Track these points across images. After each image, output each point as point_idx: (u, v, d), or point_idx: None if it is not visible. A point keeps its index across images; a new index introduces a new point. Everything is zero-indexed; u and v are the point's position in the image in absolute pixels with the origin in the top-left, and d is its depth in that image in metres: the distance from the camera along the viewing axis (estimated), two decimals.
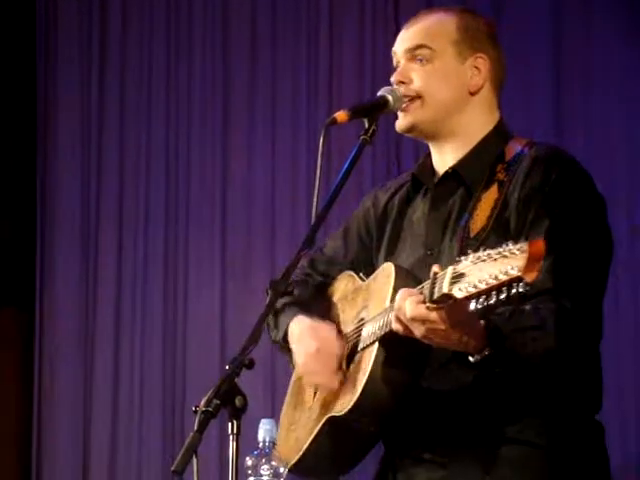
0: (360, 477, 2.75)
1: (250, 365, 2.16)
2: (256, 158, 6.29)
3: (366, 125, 2.48)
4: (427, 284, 2.19)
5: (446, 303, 2.14)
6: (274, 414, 3.21)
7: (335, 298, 2.73)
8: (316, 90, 6.20)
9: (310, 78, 6.19)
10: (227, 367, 2.17)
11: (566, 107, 5.89)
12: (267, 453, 2.60)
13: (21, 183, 6.85)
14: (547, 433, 2.40)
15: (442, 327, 2.18)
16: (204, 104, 6.41)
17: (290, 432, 2.71)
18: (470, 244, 2.38)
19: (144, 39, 6.56)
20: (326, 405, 2.56)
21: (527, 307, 2.29)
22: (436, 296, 2.12)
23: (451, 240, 2.49)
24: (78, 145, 6.63)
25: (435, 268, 2.17)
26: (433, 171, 2.62)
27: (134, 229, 6.43)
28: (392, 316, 2.30)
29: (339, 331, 2.62)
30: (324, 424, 2.52)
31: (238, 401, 2.13)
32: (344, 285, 2.72)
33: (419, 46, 2.52)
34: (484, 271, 2.03)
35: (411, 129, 2.57)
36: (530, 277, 1.96)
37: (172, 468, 2.10)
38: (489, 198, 2.47)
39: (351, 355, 2.56)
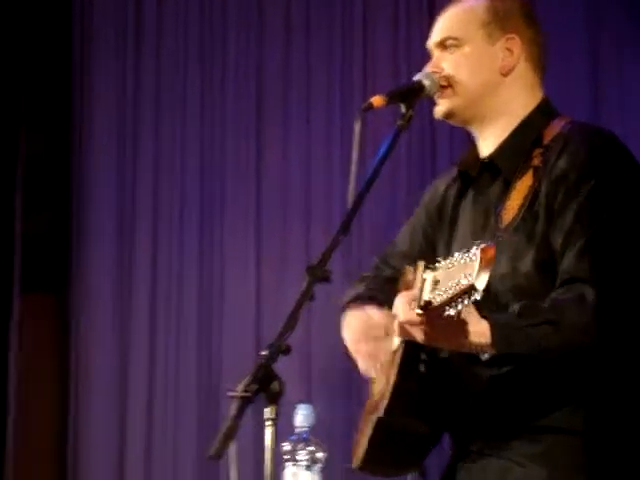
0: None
1: (287, 351, 2.16)
2: (291, 149, 6.41)
3: (403, 110, 2.46)
4: (417, 289, 2.20)
5: (428, 309, 2.15)
6: (311, 399, 3.29)
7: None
8: (351, 80, 6.28)
9: (344, 68, 6.29)
10: (264, 353, 2.18)
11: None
12: (304, 438, 2.63)
13: (56, 171, 7.05)
14: (592, 422, 2.37)
15: (432, 332, 2.21)
16: (238, 96, 6.52)
17: (359, 436, 2.69)
18: (500, 236, 2.38)
19: (179, 31, 6.70)
20: (375, 408, 2.57)
21: (548, 299, 2.27)
22: (420, 304, 2.15)
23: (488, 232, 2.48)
24: (114, 134, 6.77)
25: (421, 273, 2.21)
26: (478, 159, 2.60)
27: (169, 215, 6.56)
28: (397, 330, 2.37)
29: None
30: (374, 426, 2.52)
31: (275, 386, 2.15)
32: (409, 278, 2.66)
33: (447, 38, 2.54)
34: (452, 278, 2.06)
35: (447, 116, 2.57)
36: (481, 285, 1.98)
37: (209, 454, 2.11)
38: (523, 186, 2.43)
39: None
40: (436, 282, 2.13)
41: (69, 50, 7.02)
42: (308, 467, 2.98)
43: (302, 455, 2.56)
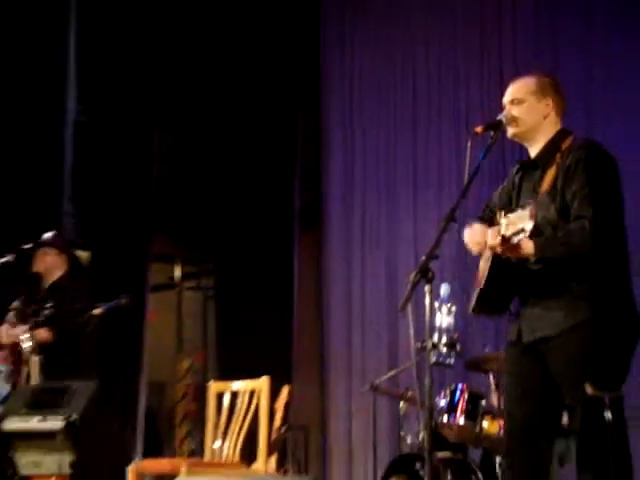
0: None
1: (435, 257, 3.75)
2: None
3: (492, 134, 4.01)
4: (498, 228, 3.81)
5: (504, 239, 3.64)
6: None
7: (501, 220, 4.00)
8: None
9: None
10: (415, 277, 3.68)
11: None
12: (445, 300, 4.23)
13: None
14: (593, 292, 3.80)
15: (505, 250, 3.73)
16: None
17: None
18: (537, 199, 3.84)
19: None
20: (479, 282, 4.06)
21: (565, 228, 3.78)
22: (499, 236, 3.68)
23: (530, 193, 4.00)
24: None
25: (501, 218, 3.85)
26: (530, 159, 4.14)
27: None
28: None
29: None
30: (478, 293, 4.04)
31: (430, 274, 3.67)
32: (497, 218, 4.09)
33: (514, 99, 4.07)
34: (516, 222, 3.59)
35: (514, 136, 4.10)
36: (529, 227, 3.51)
37: (398, 309, 3.71)
38: (550, 174, 3.92)
39: None
40: (508, 224, 3.63)
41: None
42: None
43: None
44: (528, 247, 3.75)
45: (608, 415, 3.31)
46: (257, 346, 9.43)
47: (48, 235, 6.05)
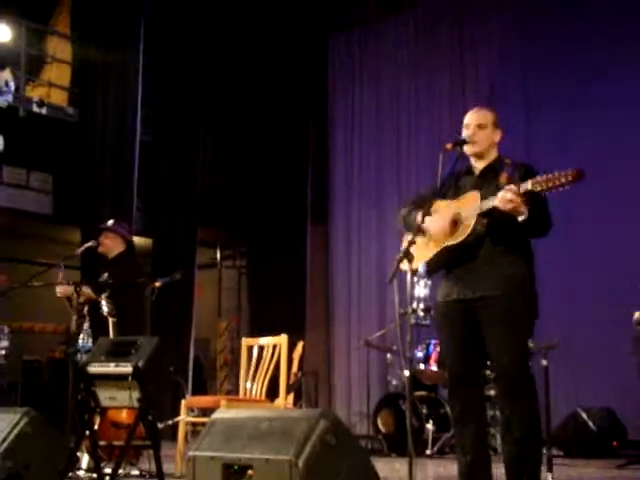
0: None
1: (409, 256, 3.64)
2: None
3: (458, 149, 3.88)
4: (519, 188, 3.52)
5: (526, 193, 3.49)
6: None
7: (434, 208, 3.87)
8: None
9: None
10: (399, 256, 3.62)
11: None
12: (422, 276, 4.26)
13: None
14: (525, 262, 3.76)
15: (520, 203, 3.52)
16: None
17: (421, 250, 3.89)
18: (500, 187, 3.66)
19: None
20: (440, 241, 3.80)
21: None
22: (522, 190, 3.51)
23: (488, 185, 3.77)
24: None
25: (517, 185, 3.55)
26: (471, 169, 3.96)
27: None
28: (494, 201, 3.57)
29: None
30: (441, 250, 3.80)
31: (411, 255, 3.61)
32: (439, 202, 3.88)
33: (481, 124, 3.91)
34: (550, 179, 3.42)
35: (472, 154, 3.93)
36: (576, 179, 3.34)
37: (387, 282, 3.61)
38: (504, 175, 3.77)
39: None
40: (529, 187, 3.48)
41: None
42: None
43: None
44: (527, 204, 3.60)
45: (544, 362, 3.29)
46: (278, 311, 9.57)
47: (110, 222, 6.07)
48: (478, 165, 3.99)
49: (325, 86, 10.30)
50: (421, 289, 4.07)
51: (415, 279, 3.88)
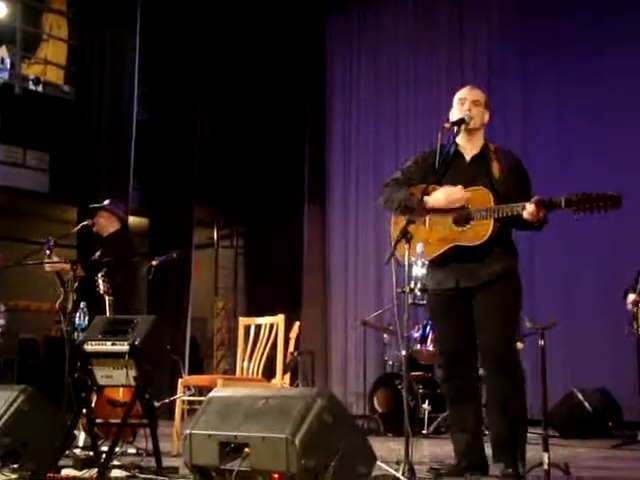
0: None
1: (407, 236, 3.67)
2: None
3: (455, 129, 3.86)
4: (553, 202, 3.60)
5: (553, 205, 3.59)
6: None
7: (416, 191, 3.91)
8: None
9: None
10: (397, 237, 3.65)
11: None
12: (420, 255, 4.28)
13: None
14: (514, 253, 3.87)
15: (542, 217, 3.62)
16: None
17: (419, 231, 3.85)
18: (494, 181, 3.78)
19: None
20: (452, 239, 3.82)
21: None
22: (555, 204, 3.58)
23: (483, 177, 3.80)
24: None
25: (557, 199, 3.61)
26: (460, 153, 3.91)
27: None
28: (521, 211, 3.59)
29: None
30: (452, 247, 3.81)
31: (409, 235, 3.60)
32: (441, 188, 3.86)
33: (477, 100, 3.92)
34: (580, 202, 3.54)
35: (472, 128, 3.88)
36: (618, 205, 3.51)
37: (384, 262, 3.78)
38: (495, 166, 3.81)
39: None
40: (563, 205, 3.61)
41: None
42: None
43: None
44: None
45: (541, 342, 3.29)
46: (275, 291, 9.56)
47: (106, 202, 6.05)
48: (467, 147, 3.94)
49: (323, 65, 10.24)
50: (418, 268, 4.03)
51: (413, 259, 3.84)
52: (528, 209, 3.62)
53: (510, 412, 3.71)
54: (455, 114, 3.96)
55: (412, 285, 3.86)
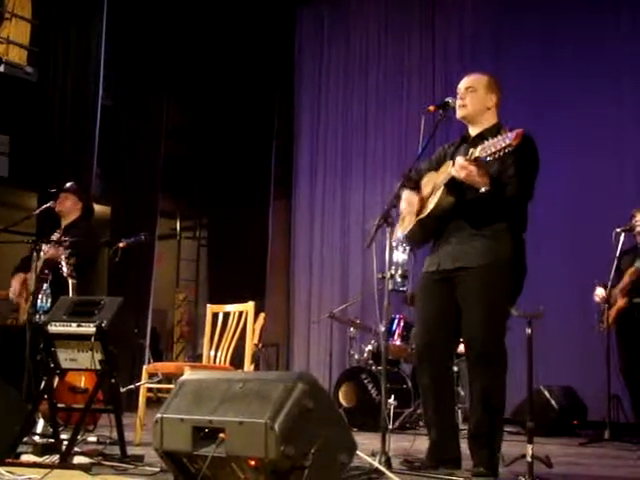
0: None
1: (389, 220, 3.63)
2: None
3: (440, 112, 3.81)
4: (470, 155, 3.45)
5: (476, 160, 3.42)
6: None
7: (423, 182, 3.86)
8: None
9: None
10: (379, 221, 3.56)
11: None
12: (401, 241, 4.08)
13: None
14: (508, 236, 3.61)
15: (474, 171, 3.43)
16: None
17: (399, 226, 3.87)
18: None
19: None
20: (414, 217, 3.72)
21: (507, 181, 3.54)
22: (472, 157, 3.44)
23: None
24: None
25: (472, 150, 3.46)
26: (468, 136, 3.83)
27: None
28: (452, 171, 3.49)
29: (422, 197, 3.76)
30: (418, 220, 3.68)
31: (391, 219, 3.61)
32: (426, 177, 3.86)
33: (470, 87, 3.78)
34: (494, 144, 3.28)
35: (462, 118, 3.81)
36: (516, 142, 3.20)
37: (365, 246, 3.68)
38: (490, 139, 3.41)
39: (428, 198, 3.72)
40: (482, 149, 3.36)
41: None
42: None
43: None
44: (487, 180, 3.50)
45: (528, 331, 3.17)
46: (238, 284, 9.28)
47: (69, 184, 5.86)
48: (472, 132, 3.84)
49: (292, 56, 10.11)
50: (399, 254, 3.93)
51: (394, 244, 3.72)
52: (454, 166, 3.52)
53: (490, 401, 3.58)
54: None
55: (393, 271, 3.73)
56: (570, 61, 7.83)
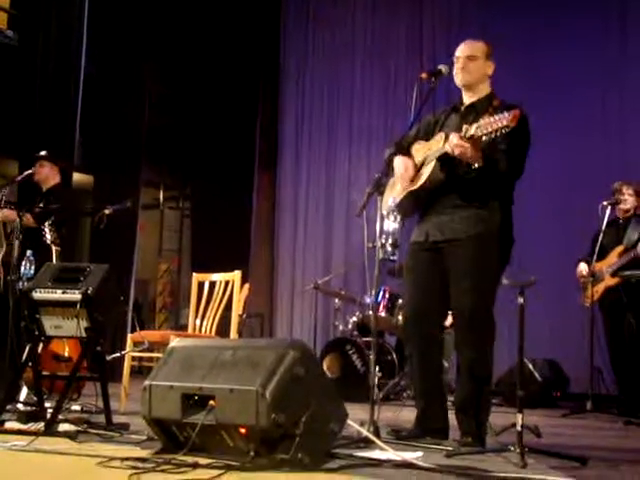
0: None
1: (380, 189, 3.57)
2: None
3: (433, 79, 3.70)
4: (464, 132, 3.39)
5: (471, 138, 3.36)
6: None
7: (413, 149, 3.80)
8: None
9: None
10: (371, 189, 3.51)
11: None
12: (392, 209, 4.02)
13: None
14: (495, 209, 3.58)
15: (468, 149, 3.38)
16: None
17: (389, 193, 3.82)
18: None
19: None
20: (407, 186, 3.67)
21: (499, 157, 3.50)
22: (467, 135, 3.38)
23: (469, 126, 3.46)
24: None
25: (466, 125, 3.42)
26: (462, 103, 3.78)
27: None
28: (446, 147, 3.45)
29: (415, 163, 3.73)
30: (410, 191, 3.65)
31: (382, 188, 3.53)
32: (417, 145, 3.79)
33: (470, 55, 3.71)
34: (490, 123, 3.24)
35: (463, 83, 3.73)
36: (513, 124, 3.17)
37: (356, 214, 3.50)
38: (485, 117, 3.38)
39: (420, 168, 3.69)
40: (478, 126, 3.31)
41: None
42: None
43: None
44: (479, 150, 3.44)
45: (520, 300, 3.12)
46: (221, 254, 9.18)
47: (44, 152, 5.81)
48: (466, 100, 3.78)
49: (278, 31, 9.97)
50: (390, 223, 3.87)
51: (384, 213, 3.65)
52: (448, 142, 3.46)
53: (477, 371, 3.55)
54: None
55: (383, 240, 3.67)
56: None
